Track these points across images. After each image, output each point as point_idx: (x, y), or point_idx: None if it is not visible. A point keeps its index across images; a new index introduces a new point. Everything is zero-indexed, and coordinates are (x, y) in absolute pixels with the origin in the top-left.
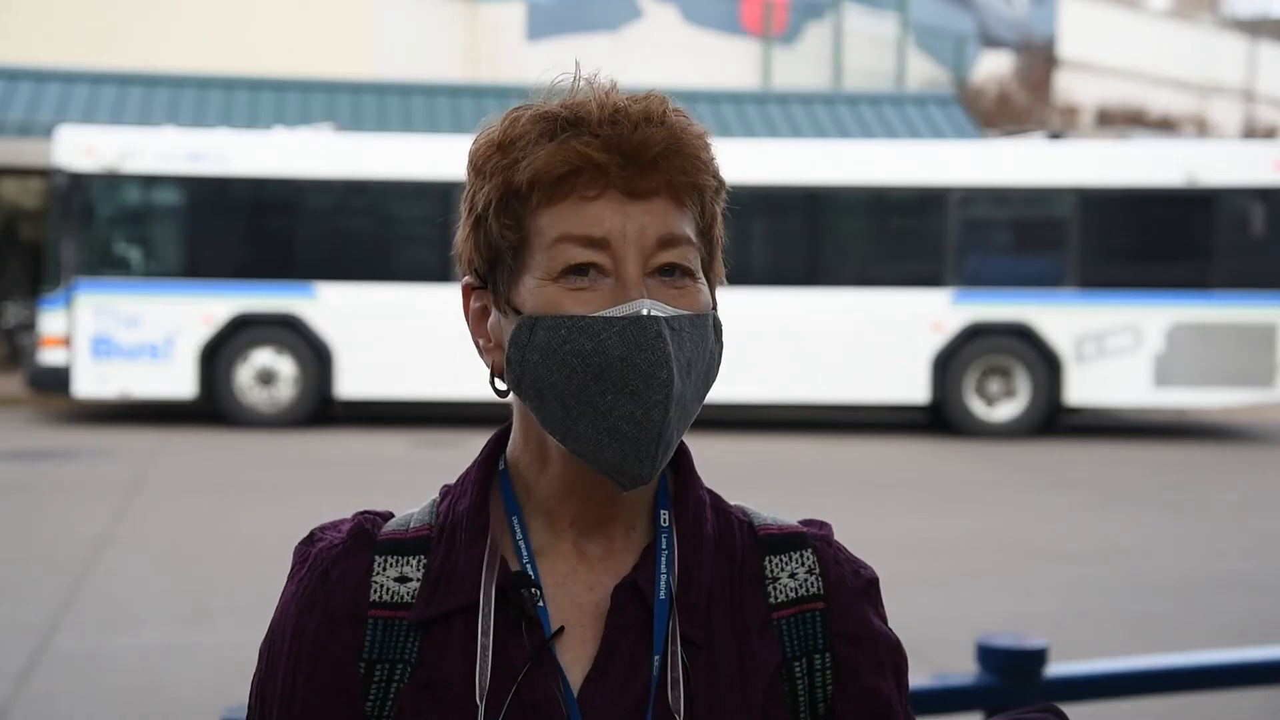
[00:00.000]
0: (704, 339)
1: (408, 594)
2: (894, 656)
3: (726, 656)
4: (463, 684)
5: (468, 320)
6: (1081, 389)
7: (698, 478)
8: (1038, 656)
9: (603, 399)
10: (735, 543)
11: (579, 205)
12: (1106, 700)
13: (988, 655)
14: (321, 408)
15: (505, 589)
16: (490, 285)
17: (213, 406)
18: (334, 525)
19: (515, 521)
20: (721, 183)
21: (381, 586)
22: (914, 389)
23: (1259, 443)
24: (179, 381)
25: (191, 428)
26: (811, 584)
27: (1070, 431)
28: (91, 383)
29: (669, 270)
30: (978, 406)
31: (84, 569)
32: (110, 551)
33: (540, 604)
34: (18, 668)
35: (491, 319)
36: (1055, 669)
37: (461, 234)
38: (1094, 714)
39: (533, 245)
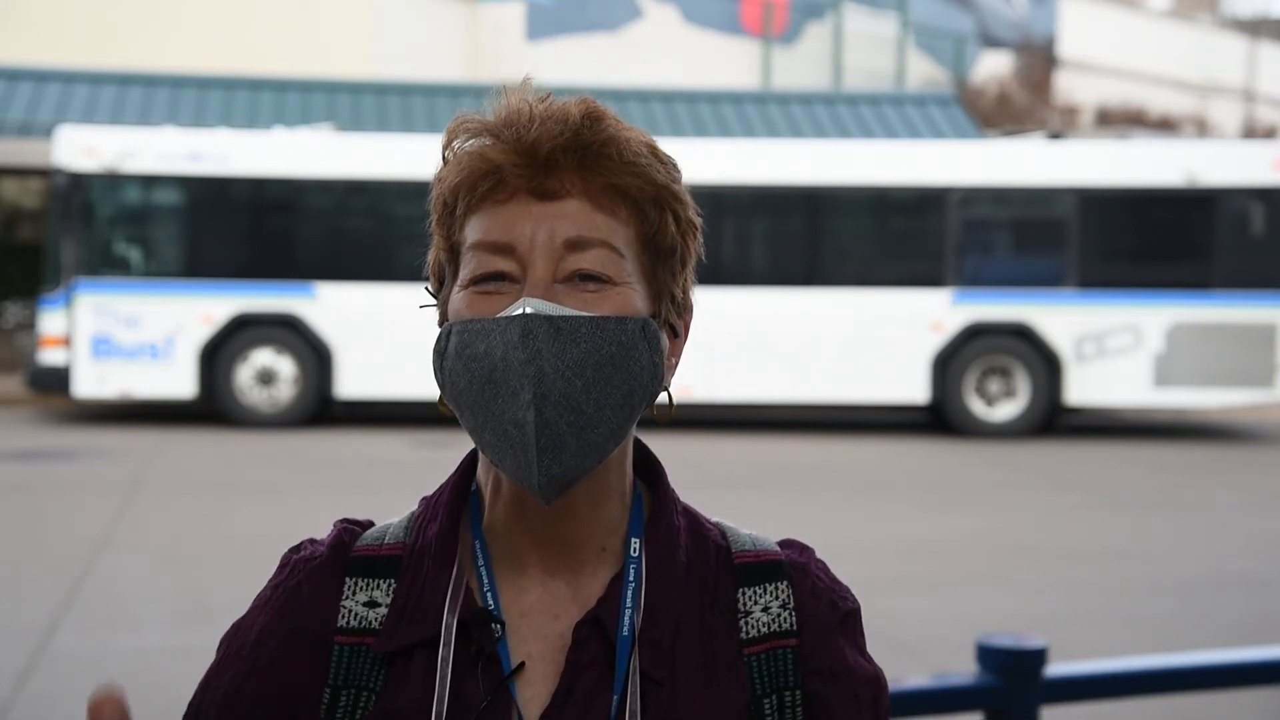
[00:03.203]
0: (610, 341)
1: (375, 620)
2: (872, 689)
3: (689, 694)
4: (420, 718)
5: None
6: (1081, 389)
7: (673, 500)
8: (1037, 656)
9: (495, 403)
10: (709, 571)
11: (493, 210)
12: (1106, 700)
13: (987, 655)
14: (321, 408)
15: (466, 623)
16: (437, 278)
17: (213, 406)
18: (322, 541)
19: (478, 547)
20: (674, 193)
21: (350, 611)
22: (914, 389)
23: (1259, 443)
24: (179, 381)
25: (191, 428)
26: (785, 619)
27: (1070, 431)
28: (91, 383)
29: (584, 276)
30: (978, 406)
31: (84, 569)
32: (110, 551)
33: (500, 639)
34: (18, 668)
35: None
36: (1055, 669)
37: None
38: (1094, 714)
39: (460, 255)
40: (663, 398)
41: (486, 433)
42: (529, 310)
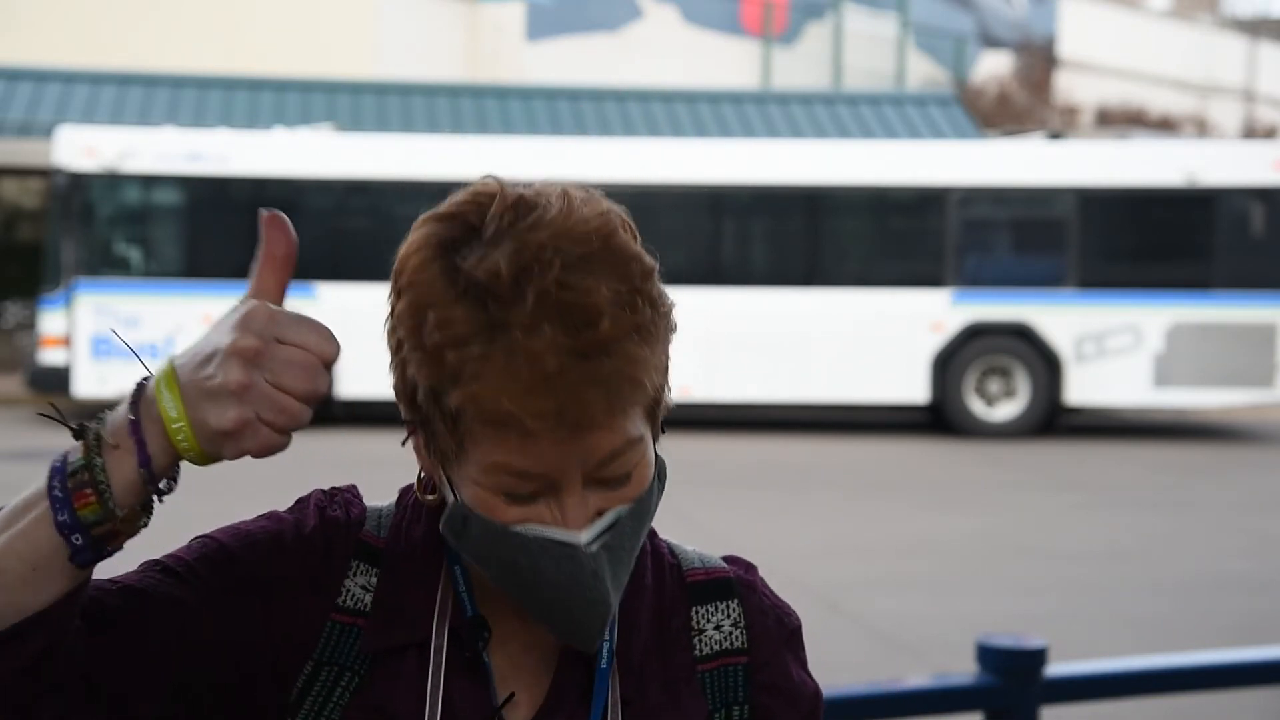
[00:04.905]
0: (647, 511)
1: (367, 604)
2: (812, 704)
3: (657, 711)
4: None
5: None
6: (1081, 389)
7: None
8: (1037, 656)
9: (539, 601)
10: (665, 591)
11: (519, 440)
12: (1106, 700)
13: (988, 655)
14: (322, 408)
15: (458, 629)
16: (422, 430)
17: None
18: (347, 500)
19: (458, 572)
20: (656, 323)
21: (349, 592)
22: (914, 389)
23: (1259, 443)
24: None
25: None
26: (736, 637)
27: (1070, 431)
28: (91, 383)
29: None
30: (978, 406)
31: None
32: None
33: (485, 657)
34: None
35: (416, 441)
36: (1055, 669)
37: (390, 353)
38: (1094, 714)
39: (466, 441)
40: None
41: (524, 604)
42: (590, 546)
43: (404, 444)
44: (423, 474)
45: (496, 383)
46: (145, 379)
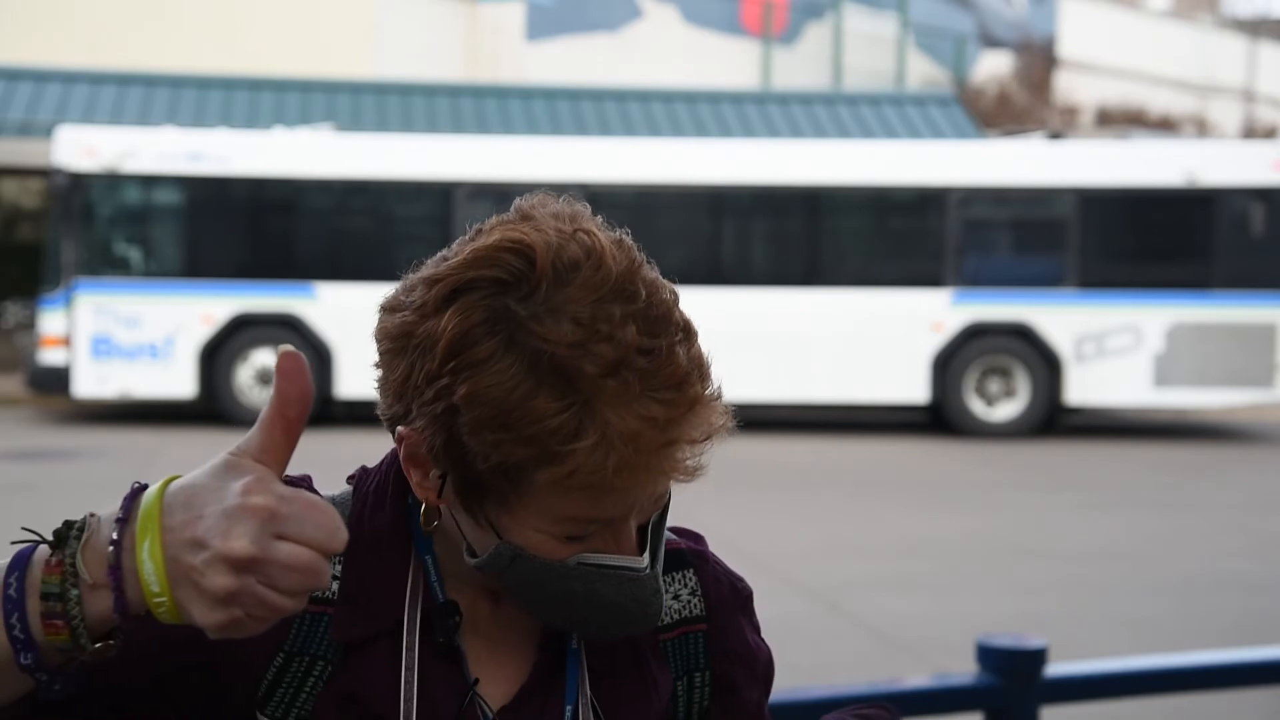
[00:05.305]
0: (669, 502)
1: (334, 592)
2: (765, 669)
3: (628, 682)
4: (388, 709)
5: (398, 449)
6: (1081, 389)
7: None
8: (1037, 656)
9: (592, 621)
10: None
11: (605, 496)
12: (1106, 700)
13: (987, 655)
14: (322, 408)
15: (429, 616)
16: (453, 477)
17: (213, 406)
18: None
19: (430, 563)
20: (703, 354)
21: None
22: (914, 389)
23: (1259, 443)
24: (179, 381)
25: (191, 428)
26: (694, 606)
27: (1070, 431)
28: (91, 383)
29: None
30: (978, 406)
31: None
32: None
33: (459, 641)
34: None
35: (445, 489)
36: (1055, 669)
37: (398, 401)
38: (1094, 714)
39: (532, 498)
40: None
41: (564, 625)
42: (651, 569)
43: (440, 495)
44: (426, 505)
45: (599, 464)
46: (139, 488)
